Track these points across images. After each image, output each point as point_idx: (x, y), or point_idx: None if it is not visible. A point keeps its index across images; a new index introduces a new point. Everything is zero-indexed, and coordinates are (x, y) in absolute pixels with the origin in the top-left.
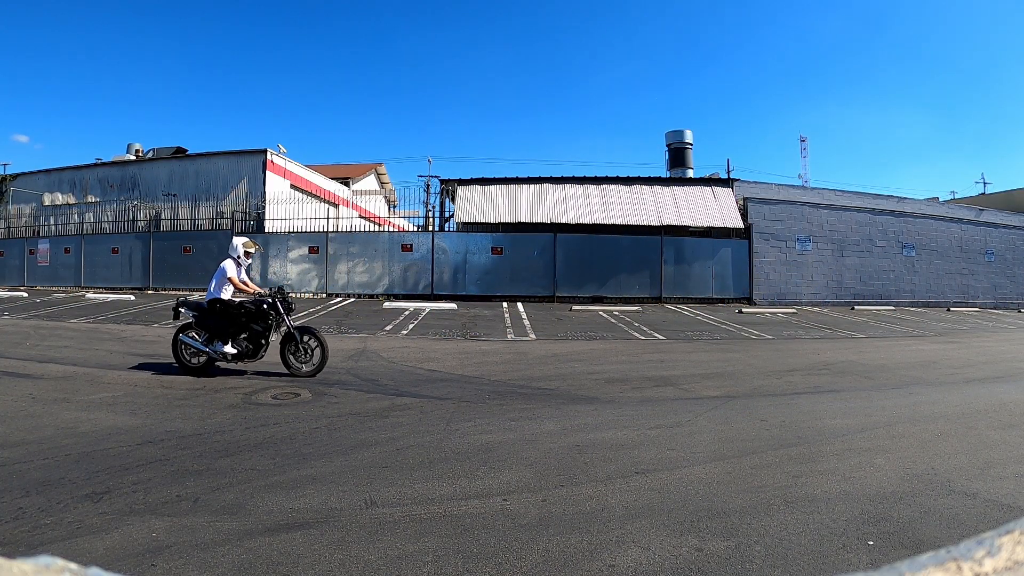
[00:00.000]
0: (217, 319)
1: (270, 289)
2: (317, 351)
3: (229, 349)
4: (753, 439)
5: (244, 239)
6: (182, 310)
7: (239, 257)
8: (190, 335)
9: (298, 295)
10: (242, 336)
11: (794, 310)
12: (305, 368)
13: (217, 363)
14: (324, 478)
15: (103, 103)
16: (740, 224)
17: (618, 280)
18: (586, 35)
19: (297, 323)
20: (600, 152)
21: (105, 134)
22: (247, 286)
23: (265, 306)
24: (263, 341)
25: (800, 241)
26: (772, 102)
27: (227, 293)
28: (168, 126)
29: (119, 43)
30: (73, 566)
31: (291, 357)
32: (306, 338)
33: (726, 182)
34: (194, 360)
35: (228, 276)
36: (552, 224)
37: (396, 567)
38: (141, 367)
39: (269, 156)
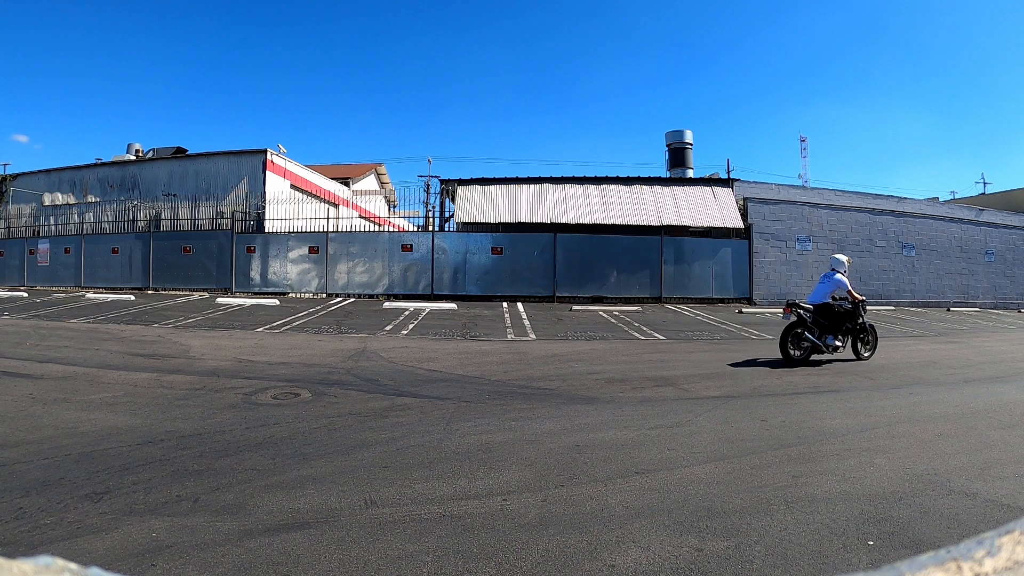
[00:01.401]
0: (833, 318)
1: (859, 295)
2: (872, 338)
3: (838, 342)
4: (753, 439)
5: (847, 256)
6: (794, 309)
7: (846, 271)
8: (803, 332)
9: (298, 295)
10: (840, 332)
11: None
12: (866, 354)
13: (815, 354)
14: (324, 478)
15: (103, 103)
16: (740, 224)
17: (618, 280)
18: (586, 35)
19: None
20: (600, 152)
21: (105, 134)
22: (856, 295)
23: (858, 307)
24: (851, 337)
25: (800, 241)
26: (772, 102)
27: (829, 298)
28: (168, 126)
29: (119, 43)
30: (73, 566)
31: (860, 345)
32: (868, 327)
33: (726, 182)
34: (797, 353)
35: (849, 289)
36: (552, 224)
37: (396, 567)
38: (143, 369)
39: (269, 156)
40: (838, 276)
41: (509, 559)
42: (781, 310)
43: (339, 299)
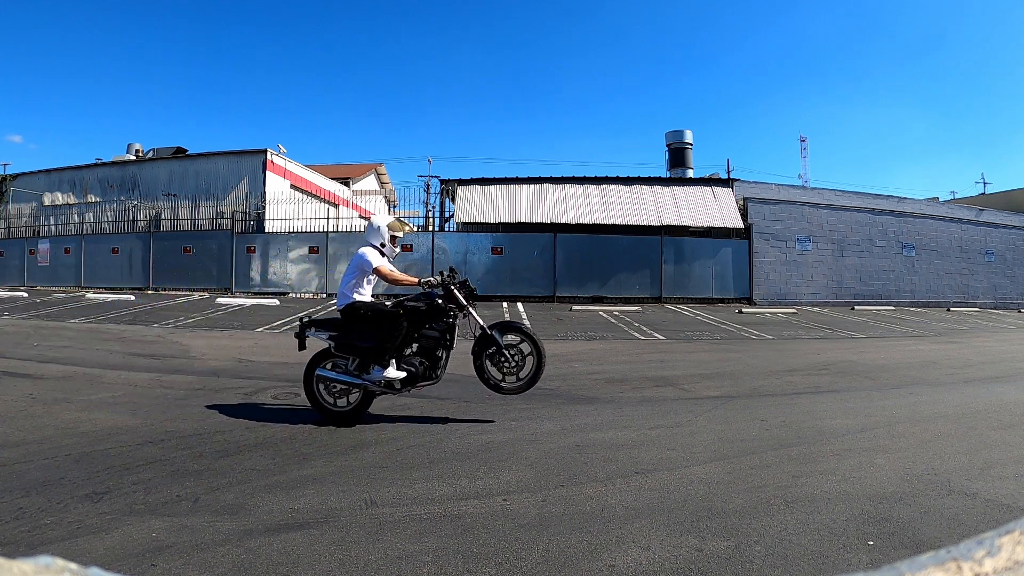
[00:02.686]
0: (369, 332)
1: (440, 275)
2: (530, 357)
3: (394, 373)
4: (753, 439)
5: (388, 218)
6: (310, 332)
7: (384, 244)
8: (329, 366)
9: (298, 295)
10: (409, 351)
11: (794, 310)
12: (510, 381)
13: (375, 396)
14: (324, 478)
15: (103, 103)
16: (740, 224)
17: (618, 280)
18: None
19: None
20: (600, 152)
21: (105, 134)
22: (403, 276)
23: (438, 300)
24: (441, 352)
25: (800, 241)
26: (772, 102)
27: (366, 294)
28: (168, 126)
29: (119, 43)
30: (73, 566)
31: (491, 367)
32: (510, 337)
33: (726, 182)
34: (340, 401)
35: (375, 267)
36: (552, 224)
37: (396, 567)
38: (143, 369)
39: (269, 156)
40: (362, 251)
41: (509, 559)
42: (782, 310)
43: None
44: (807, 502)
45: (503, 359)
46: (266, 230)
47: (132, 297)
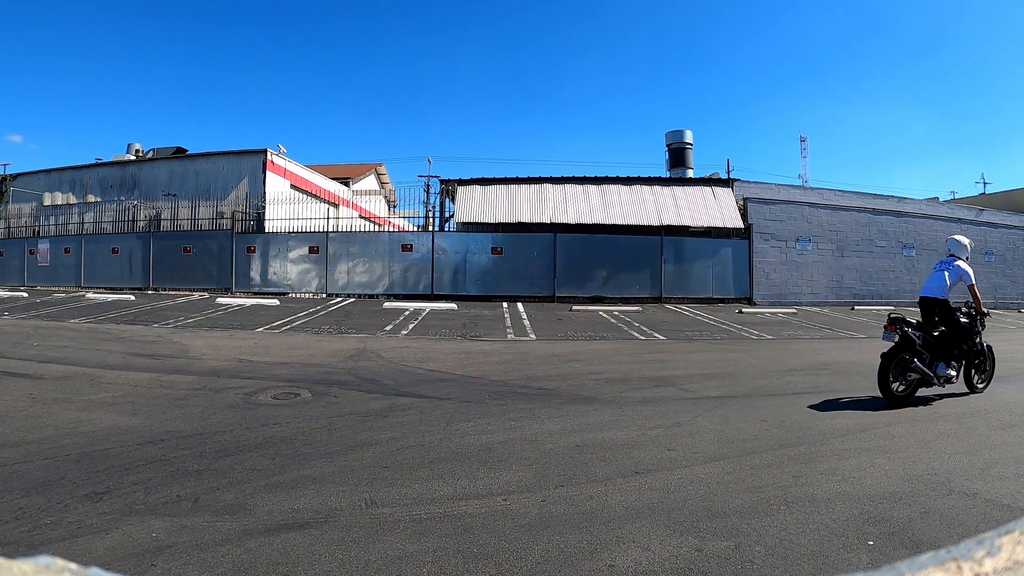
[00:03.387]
0: (955, 332)
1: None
2: (989, 364)
3: (952, 371)
4: (753, 439)
5: (968, 240)
6: (900, 328)
7: (968, 258)
8: (910, 356)
9: (298, 295)
10: (952, 357)
11: (794, 310)
12: (981, 384)
13: (924, 387)
14: (324, 478)
15: (103, 103)
16: (740, 224)
17: (618, 280)
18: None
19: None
20: (600, 152)
21: (105, 134)
22: (979, 297)
23: (976, 321)
24: (971, 360)
25: (800, 241)
26: (772, 102)
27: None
28: (168, 126)
29: (119, 43)
30: (73, 566)
31: (974, 372)
32: (986, 349)
33: (726, 182)
34: (900, 385)
35: (971, 283)
36: (552, 224)
37: (396, 567)
38: (143, 369)
39: (269, 156)
40: (958, 263)
41: (509, 559)
42: (782, 310)
43: (339, 299)
44: (807, 502)
45: (981, 366)
46: (266, 230)
47: (132, 297)
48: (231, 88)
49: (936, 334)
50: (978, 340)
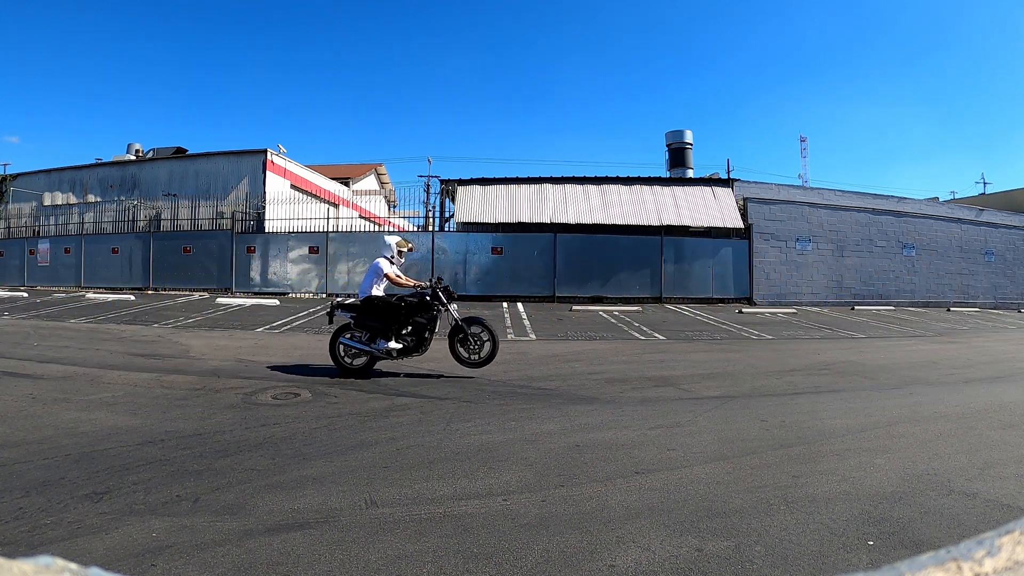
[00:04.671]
0: (378, 316)
1: (429, 281)
2: (487, 343)
3: (394, 345)
4: (753, 439)
5: (397, 238)
6: (337, 312)
7: (393, 256)
8: (349, 336)
9: (298, 295)
10: (404, 331)
11: (794, 310)
12: (474, 359)
13: (379, 361)
14: (324, 478)
15: (103, 103)
16: (740, 224)
17: (618, 280)
18: (586, 35)
19: (427, 316)
20: (600, 152)
21: (105, 134)
22: (404, 280)
23: (428, 297)
24: (427, 334)
25: (800, 241)
26: (771, 102)
27: (379, 290)
28: (168, 126)
29: (119, 43)
30: (73, 566)
31: (460, 348)
32: (475, 328)
33: (726, 182)
34: (355, 362)
35: (385, 273)
36: (552, 224)
37: (396, 567)
38: (143, 369)
39: (269, 156)
40: (377, 261)
41: (509, 559)
42: (782, 310)
43: (339, 299)
44: (807, 502)
45: (469, 343)
46: (266, 230)
47: (132, 297)
48: (231, 88)
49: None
50: (435, 316)
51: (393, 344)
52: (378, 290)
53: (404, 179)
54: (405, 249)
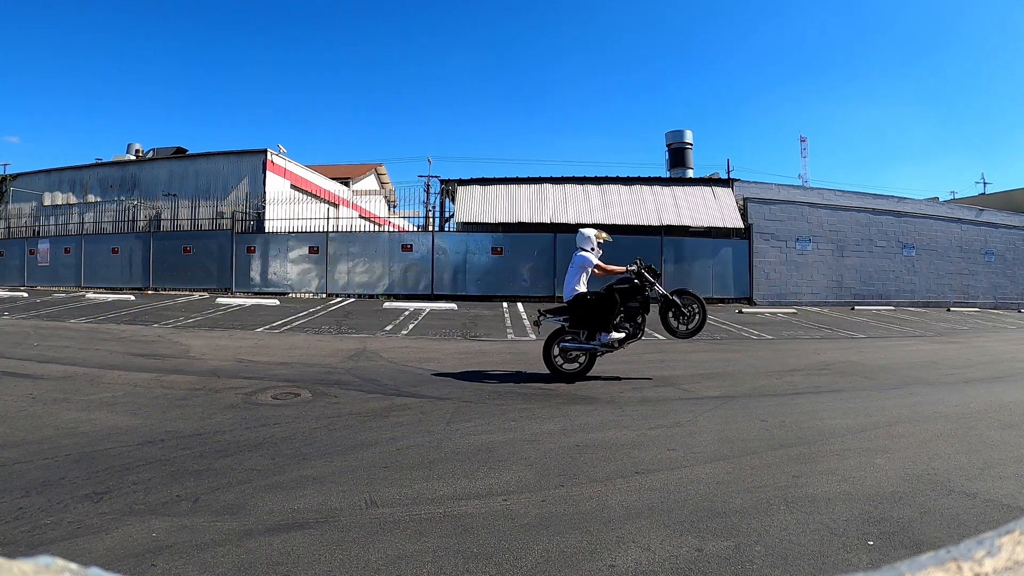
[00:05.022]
0: (594, 311)
1: (633, 264)
2: (698, 314)
3: (616, 335)
4: (753, 439)
5: (594, 230)
6: (545, 319)
7: (593, 248)
8: (568, 339)
9: (298, 295)
10: (618, 319)
11: (794, 310)
12: (686, 328)
13: (598, 357)
14: (324, 478)
15: (103, 103)
16: (740, 224)
17: None
18: (586, 35)
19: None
20: (600, 152)
21: (105, 134)
22: (612, 268)
23: (636, 280)
24: (639, 319)
25: (800, 241)
26: (771, 102)
27: (584, 285)
28: (168, 126)
29: (119, 43)
30: (73, 566)
31: (672, 320)
32: (684, 299)
33: (726, 182)
34: (570, 365)
35: (595, 264)
36: (552, 224)
37: (396, 567)
38: (143, 369)
39: (269, 156)
40: (581, 254)
41: (509, 559)
42: (782, 310)
43: (339, 299)
44: (807, 502)
45: (683, 314)
46: (266, 230)
47: (132, 297)
48: (231, 88)
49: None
50: (648, 297)
51: (616, 335)
52: (583, 286)
53: (404, 179)
54: (602, 240)
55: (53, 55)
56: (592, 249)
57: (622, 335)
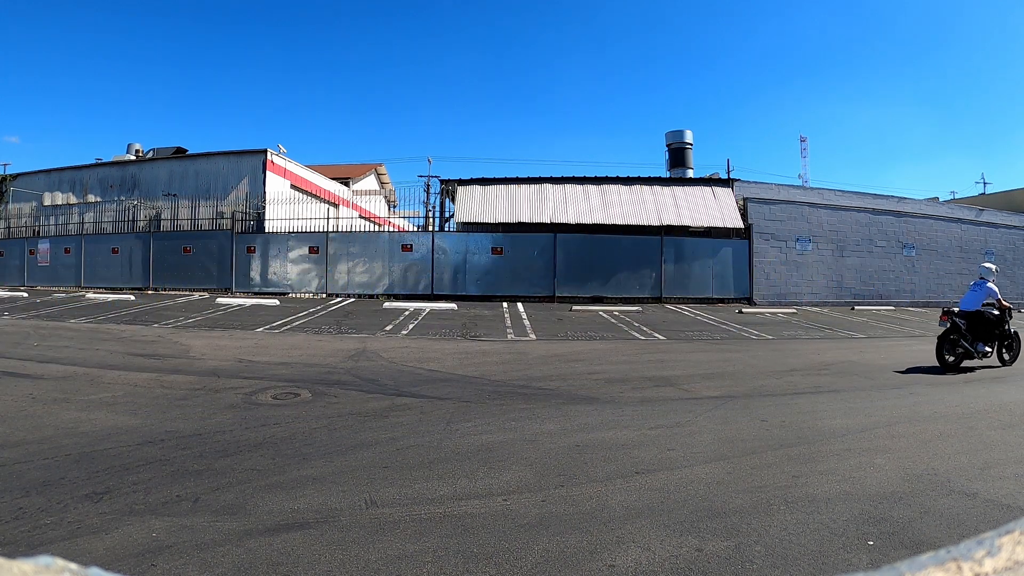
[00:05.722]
0: (982, 325)
1: (1001, 302)
2: (1016, 344)
3: (987, 348)
4: (753, 439)
5: (994, 265)
6: (952, 319)
7: (993, 279)
8: (954, 337)
9: (298, 295)
10: (990, 340)
11: (794, 310)
12: (1008, 358)
13: (970, 358)
14: (324, 478)
15: (103, 103)
16: (740, 224)
17: (618, 280)
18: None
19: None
20: (600, 152)
21: (105, 134)
22: (1005, 302)
23: (1003, 313)
24: (1012, 342)
25: (800, 241)
26: (771, 102)
27: (979, 306)
28: (168, 126)
29: (119, 43)
30: (73, 566)
31: (1004, 351)
32: (1013, 334)
33: (726, 182)
34: (952, 359)
35: (999, 297)
36: (552, 224)
37: (396, 567)
38: (143, 369)
39: (269, 156)
40: (989, 285)
41: (509, 559)
42: (782, 310)
43: (339, 299)
44: (807, 502)
45: (1013, 348)
46: (266, 230)
47: (132, 297)
48: (231, 88)
49: (976, 324)
50: (1007, 327)
51: (987, 347)
52: (979, 305)
53: (404, 179)
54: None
55: (53, 55)
56: (994, 280)
57: (989, 349)
